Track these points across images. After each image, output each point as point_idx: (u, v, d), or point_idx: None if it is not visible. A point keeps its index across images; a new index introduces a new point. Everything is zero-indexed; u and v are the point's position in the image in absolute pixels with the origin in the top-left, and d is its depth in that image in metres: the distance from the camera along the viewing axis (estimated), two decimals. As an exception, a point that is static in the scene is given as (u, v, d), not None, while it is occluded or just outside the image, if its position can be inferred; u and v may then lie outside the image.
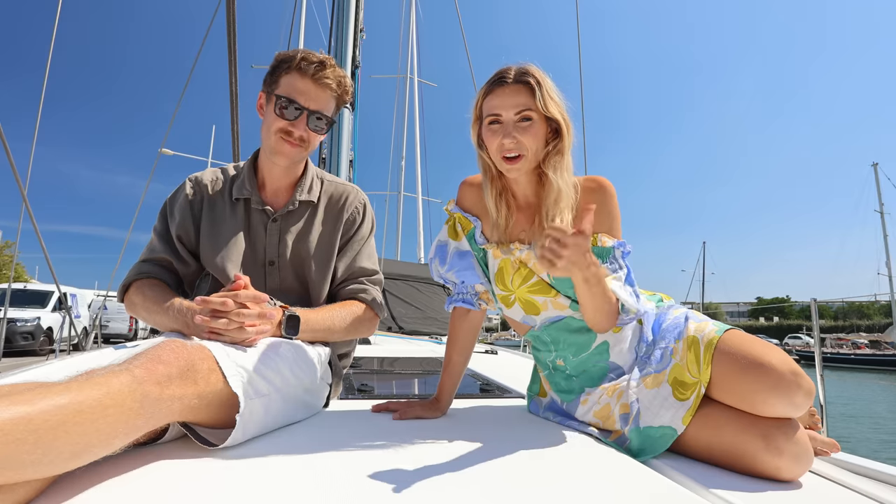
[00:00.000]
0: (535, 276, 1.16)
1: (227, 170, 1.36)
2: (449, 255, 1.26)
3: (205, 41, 4.05)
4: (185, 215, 1.28)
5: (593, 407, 1.10)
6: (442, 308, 4.79)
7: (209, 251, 1.25)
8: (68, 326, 4.04)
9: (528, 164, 1.10)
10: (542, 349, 1.21)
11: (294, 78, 1.22)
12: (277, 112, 1.21)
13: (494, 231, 1.19)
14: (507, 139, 1.07)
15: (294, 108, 1.21)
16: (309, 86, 1.21)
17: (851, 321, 45.15)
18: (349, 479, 0.72)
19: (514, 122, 1.08)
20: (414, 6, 13.90)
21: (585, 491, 0.72)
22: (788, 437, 0.83)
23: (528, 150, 1.08)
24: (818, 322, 2.46)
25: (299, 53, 1.22)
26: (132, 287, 1.21)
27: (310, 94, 1.22)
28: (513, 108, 1.07)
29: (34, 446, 0.56)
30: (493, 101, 1.10)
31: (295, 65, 1.21)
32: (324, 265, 1.33)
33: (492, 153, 1.11)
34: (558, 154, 1.10)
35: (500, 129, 1.08)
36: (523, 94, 1.07)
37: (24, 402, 0.57)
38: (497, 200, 1.17)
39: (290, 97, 1.21)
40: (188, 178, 1.33)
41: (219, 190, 1.31)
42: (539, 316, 1.17)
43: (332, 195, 1.38)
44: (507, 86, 1.08)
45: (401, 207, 14.60)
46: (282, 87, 1.22)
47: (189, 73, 4.29)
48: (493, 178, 1.17)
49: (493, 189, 1.17)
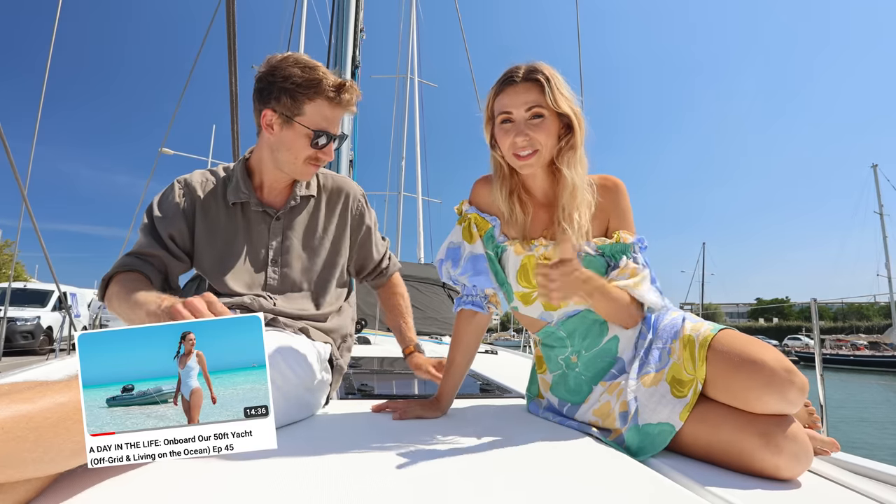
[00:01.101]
0: None
1: (217, 172, 1.34)
2: (463, 258, 1.26)
3: (205, 41, 4.05)
4: (178, 217, 1.24)
5: (593, 405, 1.10)
6: (442, 308, 4.79)
7: (206, 257, 1.24)
8: (68, 326, 4.05)
9: (541, 160, 1.11)
10: (557, 345, 1.21)
11: (322, 106, 1.19)
12: (311, 143, 1.21)
13: (513, 228, 1.20)
14: (520, 137, 1.08)
15: (324, 137, 1.21)
16: (336, 112, 1.22)
17: (851, 322, 45.19)
18: (350, 479, 0.73)
19: (525, 120, 1.09)
20: (414, 6, 13.89)
21: (585, 490, 0.73)
22: (787, 435, 0.83)
23: (542, 145, 1.09)
24: (818, 323, 2.47)
25: (322, 79, 1.18)
26: (112, 280, 1.15)
27: (336, 121, 1.23)
28: (523, 106, 1.09)
29: (35, 444, 0.56)
30: (503, 100, 1.11)
31: (323, 93, 1.18)
32: (332, 257, 1.34)
33: (504, 151, 1.13)
34: (571, 149, 1.11)
35: (512, 127, 1.10)
36: (533, 92, 1.09)
37: (24, 401, 0.57)
38: (509, 199, 1.18)
39: (322, 129, 1.20)
40: (176, 180, 1.30)
41: (210, 193, 1.29)
42: (558, 311, 1.18)
43: (332, 189, 1.39)
44: (517, 84, 1.10)
45: (401, 207, 14.60)
46: (309, 116, 1.19)
47: (189, 73, 4.29)
48: (504, 176, 1.18)
49: (504, 188, 1.18)
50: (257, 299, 1.21)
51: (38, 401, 0.58)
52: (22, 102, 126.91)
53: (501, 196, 1.18)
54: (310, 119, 1.19)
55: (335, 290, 1.36)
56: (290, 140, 1.21)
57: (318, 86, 1.17)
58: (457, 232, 1.28)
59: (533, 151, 1.09)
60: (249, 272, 1.26)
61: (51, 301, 11.13)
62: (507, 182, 1.18)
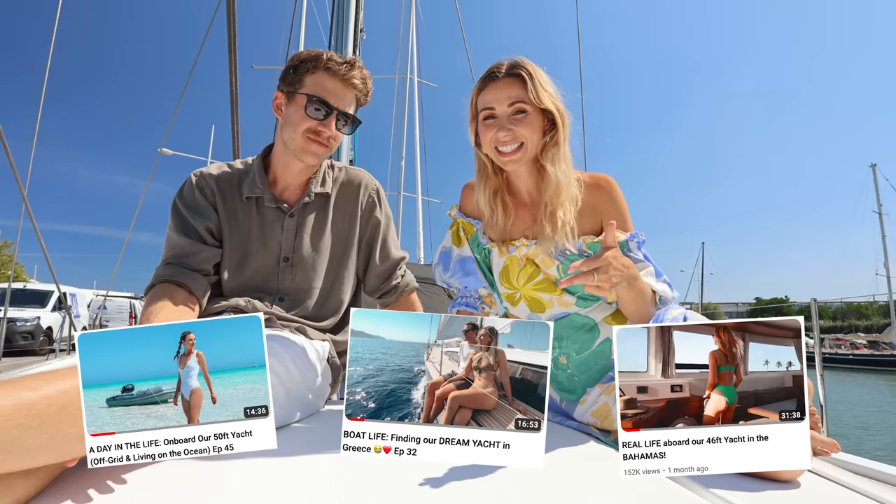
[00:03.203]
0: (541, 274, 1.16)
1: (234, 164, 1.34)
2: (452, 261, 1.26)
3: (205, 41, 4.05)
4: (207, 209, 1.24)
5: (591, 406, 1.10)
6: (442, 308, 4.78)
7: (225, 251, 1.24)
8: (68, 326, 4.05)
9: (527, 156, 1.09)
10: None
11: (322, 77, 1.20)
12: (307, 111, 1.19)
13: (493, 230, 1.19)
14: (502, 132, 1.06)
15: (324, 108, 1.19)
16: (338, 85, 1.20)
17: (850, 321, 45.20)
18: (350, 479, 0.73)
19: (508, 115, 1.08)
20: (414, 6, 13.87)
21: (585, 490, 0.73)
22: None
23: (527, 139, 1.07)
24: (818, 322, 2.47)
25: (325, 54, 1.20)
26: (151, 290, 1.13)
27: (338, 94, 1.21)
28: (506, 101, 1.07)
29: (39, 431, 0.56)
30: (486, 96, 1.09)
31: (322, 64, 1.19)
32: (342, 255, 1.33)
33: (486, 146, 1.11)
34: (555, 146, 1.10)
35: (495, 122, 1.08)
36: (516, 87, 1.07)
37: (26, 388, 0.58)
38: (491, 199, 1.17)
39: (320, 97, 1.19)
40: (193, 173, 1.29)
41: (228, 186, 1.29)
42: (544, 314, 1.18)
43: (344, 182, 1.37)
44: (500, 79, 1.09)
45: (400, 207, 14.58)
46: (308, 86, 1.19)
47: (189, 73, 4.29)
48: (487, 176, 1.17)
49: (488, 188, 1.17)
50: (252, 301, 1.20)
51: (41, 388, 0.59)
52: (22, 102, 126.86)
53: (484, 197, 1.16)
54: (308, 88, 1.20)
55: (345, 289, 1.35)
56: (291, 114, 1.22)
57: (318, 59, 1.20)
58: (447, 237, 1.29)
59: (518, 147, 1.07)
60: (262, 270, 1.26)
61: (51, 301, 11.12)
62: (490, 182, 1.17)
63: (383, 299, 1.42)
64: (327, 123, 1.20)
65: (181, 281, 1.14)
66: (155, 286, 1.13)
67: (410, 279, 1.43)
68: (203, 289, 1.18)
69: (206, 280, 1.19)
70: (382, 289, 1.40)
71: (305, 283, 1.28)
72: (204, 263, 1.20)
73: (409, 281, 1.43)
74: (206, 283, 1.19)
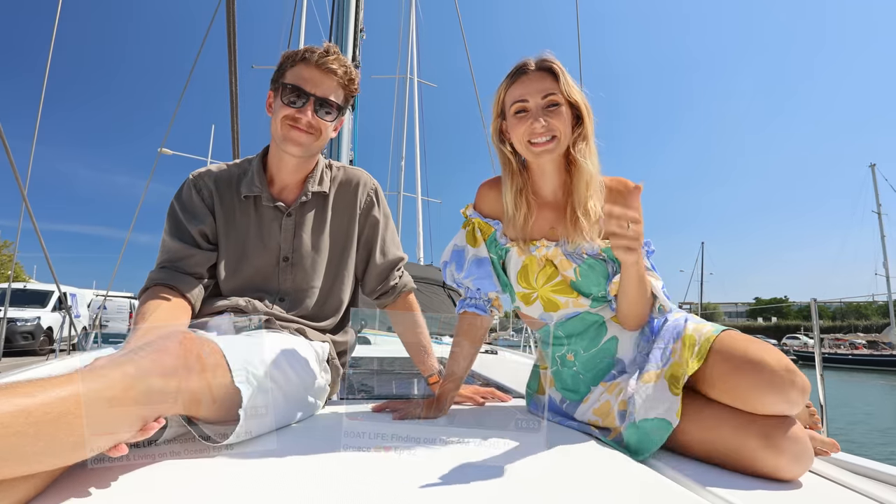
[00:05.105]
0: (559, 276, 1.17)
1: (232, 165, 1.34)
2: (467, 261, 1.26)
3: (205, 41, 4.04)
4: (203, 212, 1.25)
5: (593, 405, 1.10)
6: (442, 308, 4.78)
7: (221, 252, 1.25)
8: (68, 326, 4.04)
9: (560, 148, 1.10)
10: (555, 343, 1.21)
11: (299, 68, 1.23)
12: (284, 101, 1.21)
13: (514, 229, 1.19)
14: (537, 123, 1.07)
15: (300, 95, 1.21)
16: (313, 72, 1.22)
17: (849, 321, 45.19)
18: (350, 479, 0.73)
19: (541, 107, 1.08)
20: (414, 6, 13.89)
21: (585, 491, 0.73)
22: (788, 436, 0.83)
23: (560, 132, 1.08)
24: (818, 322, 2.47)
25: (305, 48, 1.24)
26: (144, 294, 1.15)
27: (315, 81, 1.22)
28: (539, 94, 1.08)
29: (35, 438, 0.56)
30: (517, 91, 1.10)
31: (300, 56, 1.23)
32: (341, 255, 1.33)
33: (517, 140, 1.11)
34: (584, 140, 1.12)
35: (529, 115, 1.09)
36: (548, 80, 1.09)
37: (23, 395, 0.57)
38: (517, 197, 1.17)
39: (295, 84, 1.21)
40: (191, 175, 1.30)
41: (226, 185, 1.29)
42: (557, 313, 1.18)
43: (343, 181, 1.37)
44: (531, 73, 1.10)
45: (400, 207, 14.59)
46: (287, 78, 1.23)
47: (189, 73, 4.29)
48: (513, 173, 1.17)
49: (514, 185, 1.17)
50: (252, 302, 1.20)
51: (38, 395, 0.58)
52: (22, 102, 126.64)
53: (511, 193, 1.17)
54: (286, 80, 1.23)
55: (344, 289, 1.35)
56: (274, 108, 1.25)
57: (297, 52, 1.24)
58: (461, 235, 1.28)
59: (551, 138, 1.08)
60: (261, 270, 1.26)
61: (51, 301, 11.11)
62: (516, 179, 1.17)
63: (381, 300, 1.41)
64: (304, 110, 1.21)
65: (174, 284, 1.15)
66: (148, 289, 1.15)
67: (408, 280, 1.43)
68: (196, 292, 1.19)
69: (199, 283, 1.20)
70: (380, 289, 1.39)
71: (305, 283, 1.28)
72: (197, 267, 1.21)
73: (407, 282, 1.43)
74: (199, 287, 1.20)
